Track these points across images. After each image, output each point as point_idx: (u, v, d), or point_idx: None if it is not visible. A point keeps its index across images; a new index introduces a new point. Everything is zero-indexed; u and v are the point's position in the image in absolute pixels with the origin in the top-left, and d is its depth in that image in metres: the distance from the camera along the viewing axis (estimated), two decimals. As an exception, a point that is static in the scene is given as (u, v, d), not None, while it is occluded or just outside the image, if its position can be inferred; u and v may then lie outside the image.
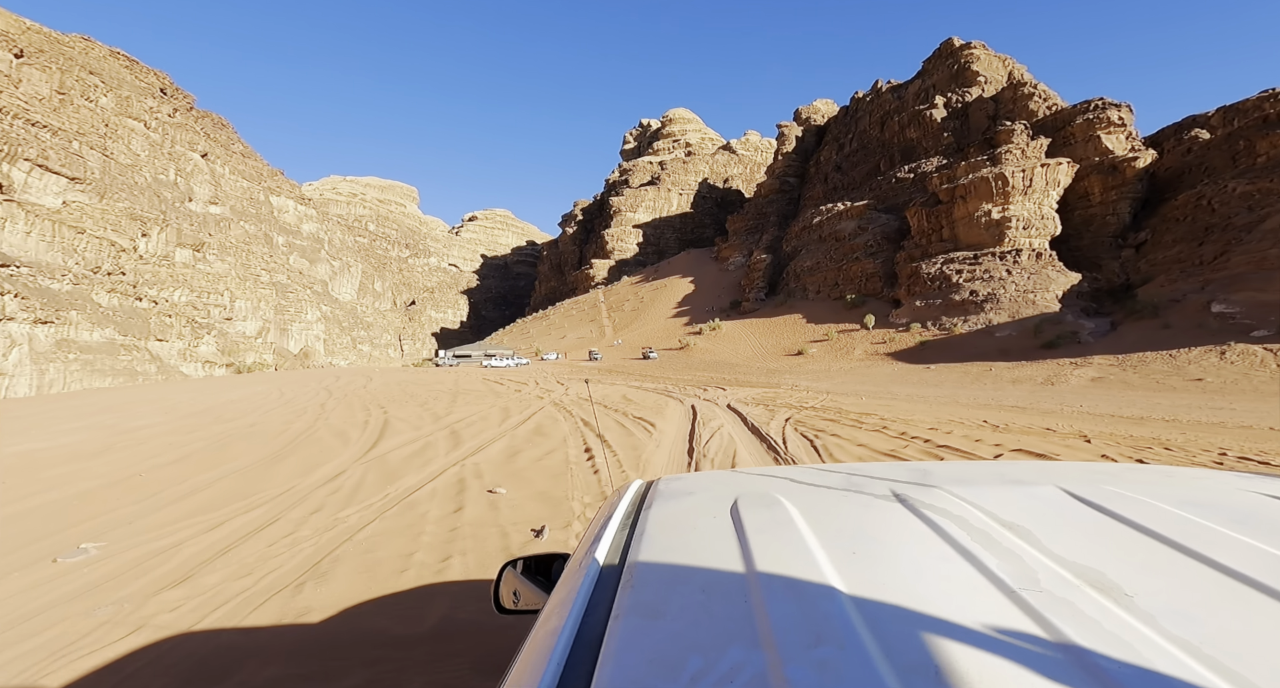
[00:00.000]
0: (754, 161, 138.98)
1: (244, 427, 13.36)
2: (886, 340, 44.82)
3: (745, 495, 1.27)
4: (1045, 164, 46.42)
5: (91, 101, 67.23)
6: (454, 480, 7.76)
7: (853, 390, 24.29)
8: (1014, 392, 23.00)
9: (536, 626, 0.91)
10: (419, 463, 9.00)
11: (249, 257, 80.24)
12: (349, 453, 9.94)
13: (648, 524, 1.15)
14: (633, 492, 1.44)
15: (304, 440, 11.26)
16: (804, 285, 66.59)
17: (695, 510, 1.22)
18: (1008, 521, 1.04)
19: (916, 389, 25.05)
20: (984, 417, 14.00)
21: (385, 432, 12.13)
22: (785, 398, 19.82)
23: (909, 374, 32.79)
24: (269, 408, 17.67)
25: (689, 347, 57.40)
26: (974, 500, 1.16)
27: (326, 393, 23.15)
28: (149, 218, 65.53)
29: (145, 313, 41.49)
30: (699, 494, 1.34)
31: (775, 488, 1.34)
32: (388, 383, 29.84)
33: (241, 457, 9.77)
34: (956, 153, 63.66)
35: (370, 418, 14.73)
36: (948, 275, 47.30)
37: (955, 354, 37.27)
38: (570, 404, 17.61)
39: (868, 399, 19.36)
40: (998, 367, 31.68)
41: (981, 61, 70.73)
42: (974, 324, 41.62)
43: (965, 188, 49.04)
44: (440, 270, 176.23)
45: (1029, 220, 46.55)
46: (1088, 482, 1.28)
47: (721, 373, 39.15)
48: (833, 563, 0.88)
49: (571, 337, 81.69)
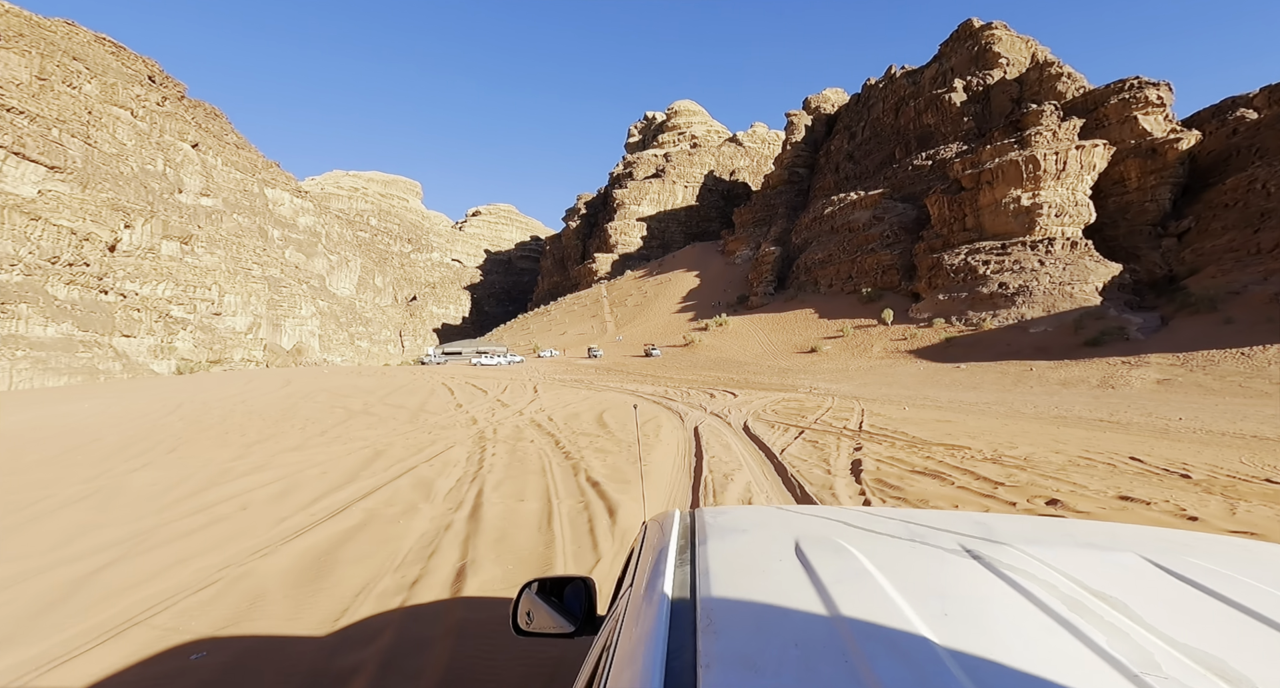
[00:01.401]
0: (761, 154, 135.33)
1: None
2: (907, 337, 41.61)
3: (806, 538, 1.20)
4: (1080, 146, 42.92)
5: (74, 88, 64.71)
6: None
7: (882, 394, 21.22)
8: (1072, 397, 19.87)
9: (614, 667, 0.86)
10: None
11: (240, 250, 77.78)
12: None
13: (710, 561, 1.08)
14: (678, 524, 1.36)
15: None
16: (815, 279, 63.32)
17: (758, 551, 1.15)
18: (1096, 589, 0.96)
19: (954, 393, 21.96)
20: (1089, 441, 10.90)
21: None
22: (813, 409, 15.89)
23: (938, 375, 29.64)
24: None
25: (694, 343, 54.37)
26: (1054, 564, 1.05)
27: (192, 410, 16.75)
28: (133, 209, 63.08)
29: (110, 307, 38.89)
30: (753, 532, 1.27)
31: (834, 533, 1.26)
32: (314, 389, 22.94)
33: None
34: (978, 138, 60.09)
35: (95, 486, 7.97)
36: (973, 267, 43.95)
37: (986, 352, 34.07)
38: (511, 435, 11.75)
39: (912, 409, 16.24)
40: (1038, 366, 28.49)
41: (1003, 42, 66.98)
42: (1005, 319, 38.32)
43: (991, 173, 45.61)
44: (443, 266, 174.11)
45: (1062, 207, 43.11)
46: (1168, 551, 1.16)
47: (729, 372, 36.12)
48: (927, 624, 0.83)
49: (572, 333, 78.84)
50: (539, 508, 6.59)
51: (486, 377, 32.78)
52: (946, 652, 0.76)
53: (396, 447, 10.59)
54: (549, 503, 6.77)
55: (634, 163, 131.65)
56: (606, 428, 12.50)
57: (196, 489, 7.64)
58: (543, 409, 16.19)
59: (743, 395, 20.25)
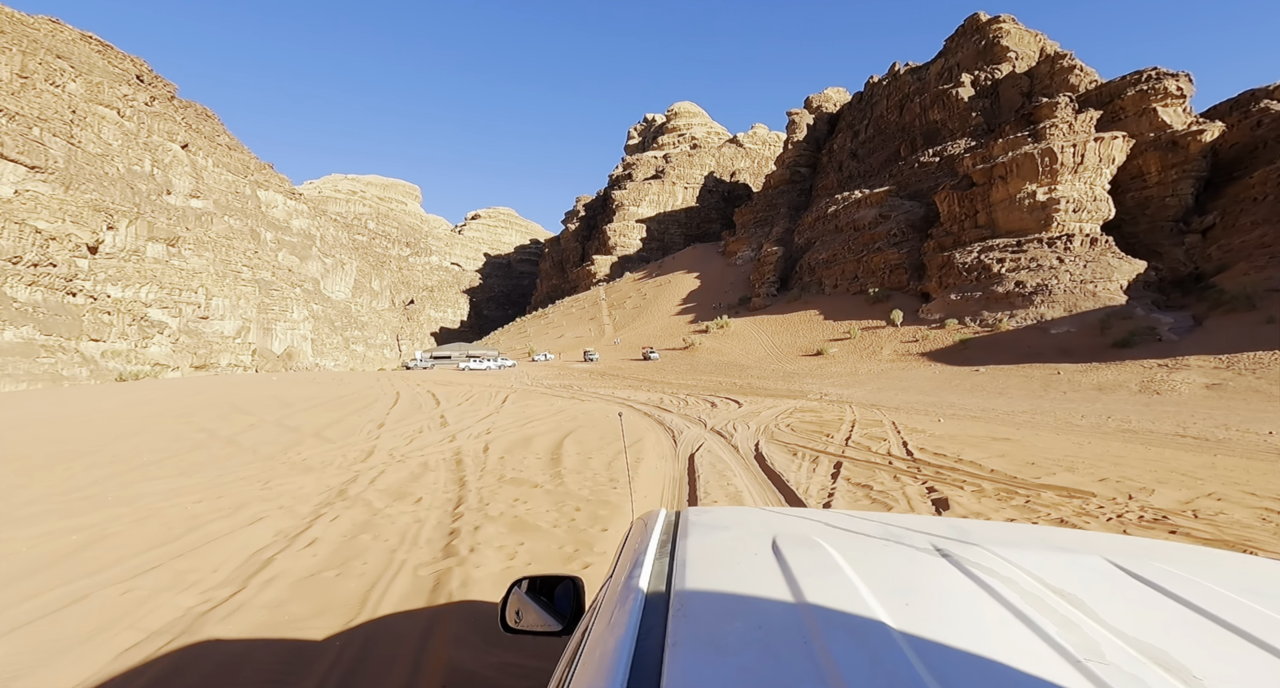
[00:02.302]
0: (762, 155, 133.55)
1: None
2: (918, 339, 39.54)
3: (784, 535, 1.25)
4: (1099, 138, 40.92)
5: (57, 87, 63.08)
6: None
7: (903, 401, 19.14)
8: (1118, 405, 17.77)
9: (584, 652, 0.90)
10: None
11: (229, 252, 75.95)
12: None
13: (688, 554, 1.14)
14: (662, 521, 1.40)
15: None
16: (819, 279, 61.29)
17: (736, 545, 1.21)
18: (1057, 587, 1.00)
19: (982, 400, 19.87)
20: (1220, 470, 8.80)
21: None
22: (833, 423, 13.46)
23: (956, 379, 27.56)
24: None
25: (694, 346, 52.33)
26: (1019, 563, 1.12)
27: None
28: (118, 210, 61.35)
29: (78, 310, 36.96)
30: (734, 529, 1.32)
31: (813, 531, 1.31)
32: (223, 401, 19.23)
33: None
34: (987, 133, 58.15)
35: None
36: (987, 265, 41.89)
37: (1005, 354, 31.98)
38: (397, 485, 7.74)
39: (949, 421, 14.16)
40: (1066, 369, 26.40)
41: (1012, 36, 65.13)
42: (1023, 319, 36.23)
43: (1005, 167, 43.62)
44: (441, 269, 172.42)
45: (1080, 202, 41.07)
46: (1134, 556, 1.22)
47: (731, 377, 34.05)
48: (889, 612, 0.87)
49: (569, 336, 76.84)
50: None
51: (463, 383, 30.50)
52: (902, 636, 0.79)
53: (146, 528, 5.82)
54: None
55: (633, 164, 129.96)
56: (559, 466, 8.87)
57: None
58: (490, 430, 12.63)
59: (748, 404, 18.18)
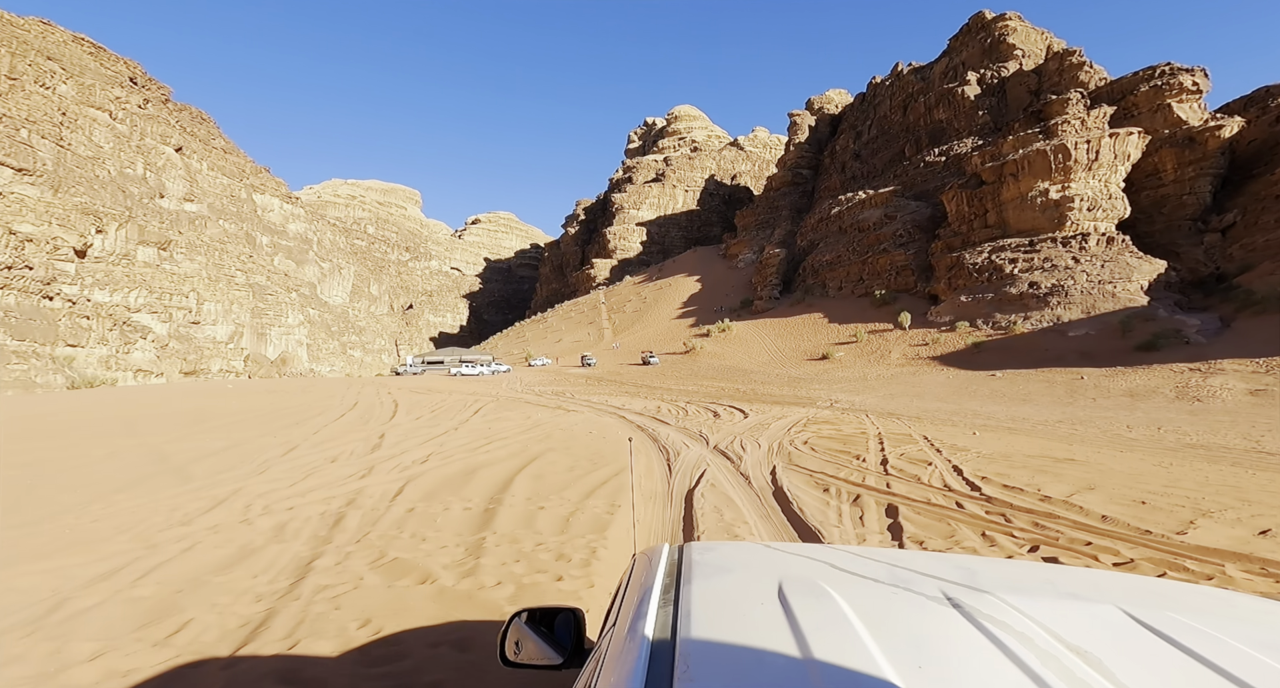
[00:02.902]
0: (763, 158, 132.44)
1: None
2: (928, 342, 38.03)
3: (790, 581, 1.23)
4: (1113, 134, 39.50)
5: (47, 89, 62.06)
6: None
7: (923, 409, 17.62)
8: (1160, 413, 16.24)
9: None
10: None
11: (223, 256, 74.72)
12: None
13: (692, 604, 1.11)
14: (665, 559, 1.38)
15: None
16: (824, 281, 59.84)
17: (741, 594, 1.18)
18: (1074, 644, 0.97)
19: (1007, 407, 18.33)
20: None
21: None
22: (857, 438, 11.63)
23: (972, 384, 26.02)
24: None
25: (695, 350, 50.86)
26: (1033, 615, 1.08)
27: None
28: (107, 213, 60.18)
29: (54, 314, 35.63)
30: (738, 572, 1.30)
31: (819, 575, 1.29)
32: (160, 412, 17.44)
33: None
34: (994, 132, 56.81)
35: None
36: (998, 265, 40.41)
37: (1022, 358, 30.44)
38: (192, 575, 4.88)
39: (985, 433, 12.64)
40: (1089, 374, 24.85)
41: (1018, 33, 63.92)
42: (1038, 321, 34.71)
43: (1016, 165, 42.22)
44: (441, 274, 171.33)
45: (1094, 200, 39.61)
46: (1147, 604, 1.18)
47: (734, 382, 32.55)
48: (901, 676, 0.85)
49: (568, 340, 75.40)
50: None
51: (444, 390, 28.93)
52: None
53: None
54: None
55: (633, 168, 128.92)
56: (490, 525, 6.16)
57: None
58: (429, 457, 9.88)
59: (755, 413, 16.66)
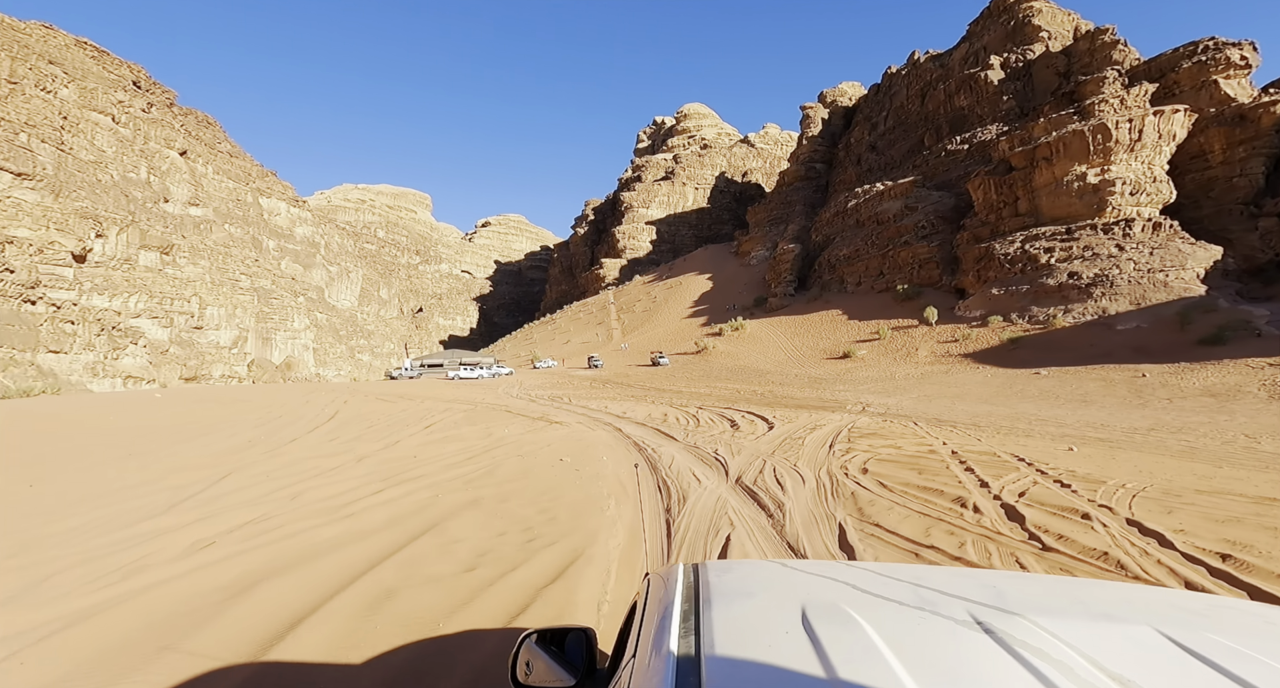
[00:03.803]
0: (774, 155, 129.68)
1: None
2: (958, 338, 35.35)
3: (813, 606, 1.18)
4: (1158, 112, 36.55)
5: (49, 92, 61.50)
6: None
7: (974, 414, 15.19)
8: (1264, 416, 13.63)
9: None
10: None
11: (227, 260, 73.85)
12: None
13: (715, 632, 1.07)
14: (682, 582, 1.34)
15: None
16: (841, 277, 57.18)
17: (764, 621, 1.14)
18: (1115, 672, 0.93)
19: (1069, 411, 15.81)
20: None
21: None
22: (923, 457, 9.30)
23: (1016, 383, 23.42)
24: None
25: (707, 350, 48.53)
26: (1069, 640, 1.03)
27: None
28: (108, 217, 59.37)
29: (34, 319, 34.33)
30: (759, 596, 1.27)
31: (842, 598, 1.24)
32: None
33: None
34: (1020, 117, 53.84)
35: None
36: (1033, 255, 37.59)
37: (1067, 355, 27.73)
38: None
39: (1086, 446, 10.19)
40: (1151, 371, 22.17)
41: (1044, 15, 60.80)
42: (1080, 314, 31.92)
43: (1049, 148, 39.36)
44: (451, 277, 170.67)
45: (1137, 183, 36.65)
46: (1184, 624, 1.12)
47: (750, 384, 30.18)
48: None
49: (576, 341, 73.41)
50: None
51: (422, 396, 26.00)
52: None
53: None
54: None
55: (642, 167, 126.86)
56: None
57: None
58: (262, 522, 6.48)
59: (781, 422, 14.31)
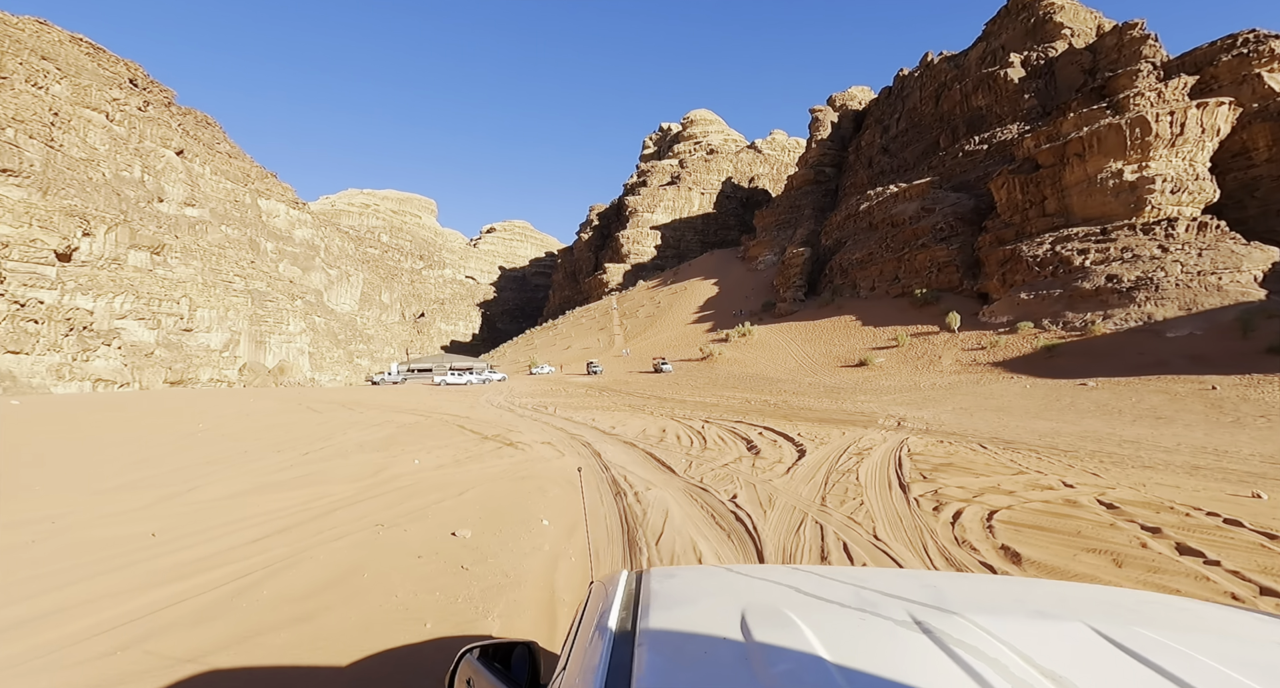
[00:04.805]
0: (781, 161, 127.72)
1: None
2: (985, 345, 32.69)
3: (753, 609, 1.18)
4: (1201, 104, 33.98)
5: (40, 88, 60.14)
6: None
7: (1029, 431, 12.61)
8: None
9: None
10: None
11: (221, 261, 72.08)
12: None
13: (650, 639, 1.05)
14: (623, 589, 1.32)
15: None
16: (854, 281, 54.61)
17: (703, 627, 1.13)
18: (1048, 669, 0.95)
19: (1143, 429, 13.20)
20: None
21: None
22: (1057, 508, 7.39)
23: (1063, 395, 20.74)
24: None
25: (713, 356, 45.99)
26: (1004, 638, 1.06)
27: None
28: (97, 216, 57.68)
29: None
30: (700, 602, 1.26)
31: (783, 602, 1.24)
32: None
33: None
34: (1042, 116, 51.39)
35: None
36: (1065, 257, 34.96)
37: (1111, 364, 25.03)
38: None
39: (1270, 491, 7.58)
40: (1221, 384, 19.47)
41: (1066, 12, 58.52)
42: (1123, 321, 29.22)
43: (1081, 143, 36.83)
44: (454, 282, 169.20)
45: (1179, 181, 34.05)
46: (1116, 620, 1.17)
47: (761, 393, 27.59)
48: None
49: (576, 347, 71.02)
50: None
51: (379, 406, 23.57)
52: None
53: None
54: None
55: (648, 171, 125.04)
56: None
57: None
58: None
59: (813, 444, 11.64)
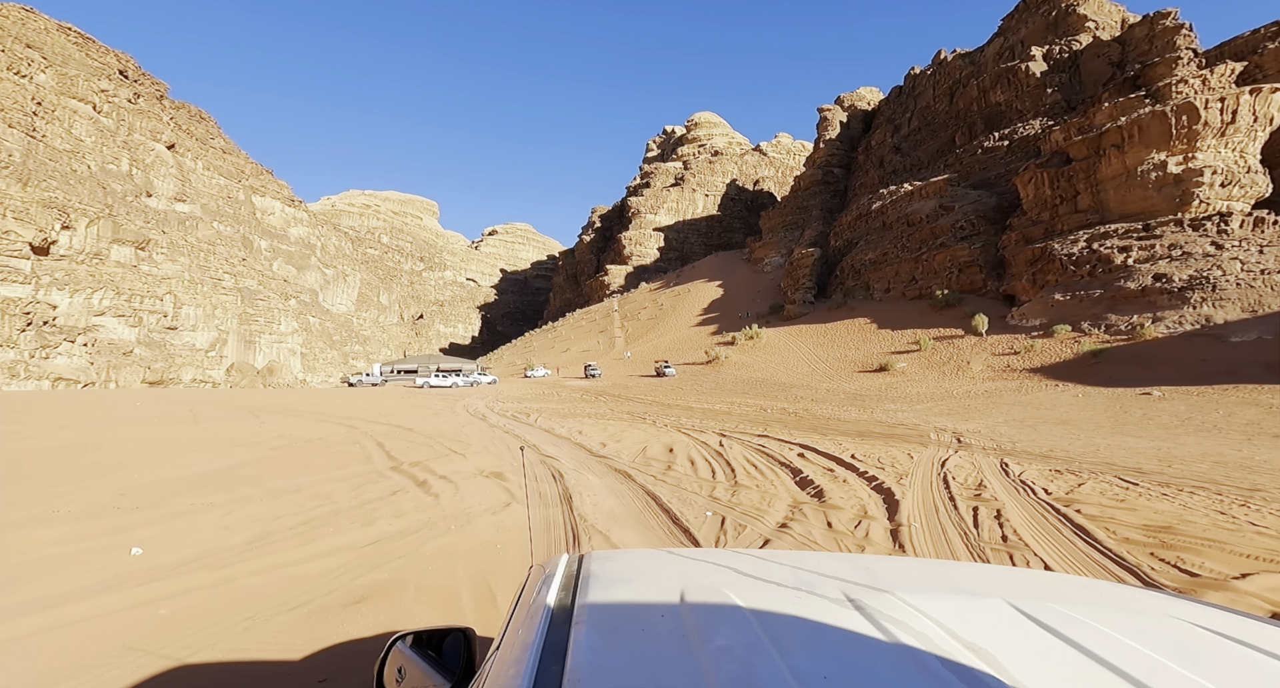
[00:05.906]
0: (786, 164, 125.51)
1: None
2: (1019, 350, 29.91)
3: (692, 589, 1.21)
4: (1255, 90, 31.29)
5: (23, 77, 58.04)
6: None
7: (1125, 452, 9.97)
8: None
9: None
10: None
11: (210, 258, 69.70)
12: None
13: (587, 619, 1.07)
14: (562, 572, 1.33)
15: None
16: (867, 282, 51.88)
17: (641, 605, 1.15)
18: (969, 641, 1.03)
19: (1265, 450, 10.33)
20: None
21: None
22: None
23: (1128, 406, 17.94)
24: None
25: (718, 360, 43.26)
26: (931, 614, 1.14)
27: None
28: (78, 209, 55.36)
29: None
30: (638, 582, 1.27)
31: (722, 582, 1.27)
32: None
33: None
34: (1066, 111, 48.79)
35: None
36: (1104, 256, 32.20)
37: (1171, 371, 22.23)
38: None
39: None
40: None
41: (1090, 4, 56.03)
42: (1177, 324, 26.41)
43: (1119, 134, 34.15)
44: (455, 284, 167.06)
45: (1229, 173, 31.32)
46: (1032, 597, 1.28)
47: (775, 400, 24.82)
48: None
49: (576, 349, 68.34)
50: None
51: (311, 412, 20.87)
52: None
53: None
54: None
55: (651, 173, 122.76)
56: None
57: None
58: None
59: (887, 473, 8.63)
